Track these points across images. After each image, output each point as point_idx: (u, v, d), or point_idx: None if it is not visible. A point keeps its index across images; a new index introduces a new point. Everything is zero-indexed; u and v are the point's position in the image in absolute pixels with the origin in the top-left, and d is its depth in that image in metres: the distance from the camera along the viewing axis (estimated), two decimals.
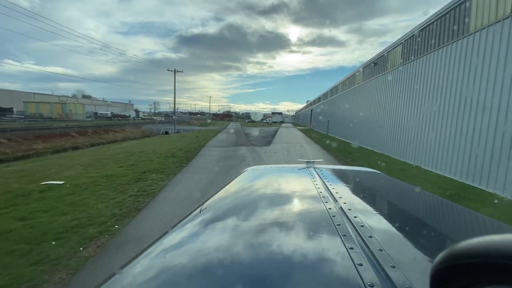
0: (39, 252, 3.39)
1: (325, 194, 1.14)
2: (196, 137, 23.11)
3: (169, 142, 18.60)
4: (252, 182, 1.58)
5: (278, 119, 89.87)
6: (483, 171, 6.89)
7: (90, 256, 3.43)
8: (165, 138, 25.11)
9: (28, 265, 3.12)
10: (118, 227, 4.33)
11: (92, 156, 11.90)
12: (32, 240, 3.67)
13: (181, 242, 0.83)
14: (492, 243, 0.29)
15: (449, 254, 0.33)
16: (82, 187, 6.33)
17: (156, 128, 41.77)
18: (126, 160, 10.41)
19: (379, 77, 15.12)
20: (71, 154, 14.65)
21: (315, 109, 42.34)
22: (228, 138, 22.41)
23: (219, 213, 1.09)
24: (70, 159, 11.30)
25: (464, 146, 7.65)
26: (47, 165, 9.83)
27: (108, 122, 45.10)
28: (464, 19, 7.73)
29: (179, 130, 40.40)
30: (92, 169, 8.50)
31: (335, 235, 0.76)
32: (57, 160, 11.63)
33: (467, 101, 7.51)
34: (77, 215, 4.61)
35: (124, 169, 8.55)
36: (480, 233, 0.47)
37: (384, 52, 14.25)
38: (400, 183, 1.68)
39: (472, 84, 7.32)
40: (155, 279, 0.64)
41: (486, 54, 6.83)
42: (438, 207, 1.28)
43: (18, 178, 7.37)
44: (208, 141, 19.32)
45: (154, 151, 12.81)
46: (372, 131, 16.33)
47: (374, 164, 11.03)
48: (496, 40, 6.52)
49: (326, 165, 1.92)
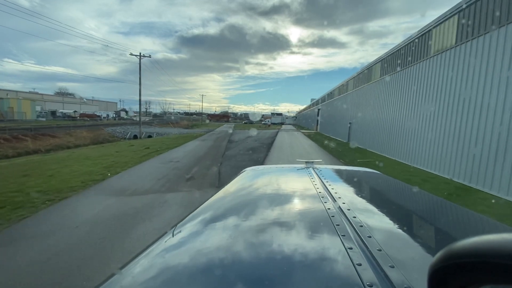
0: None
1: (324, 194, 1.14)
2: (145, 148, 14.48)
3: (75, 160, 9.85)
4: (252, 182, 1.56)
5: (278, 120, 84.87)
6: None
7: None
8: (103, 149, 16.27)
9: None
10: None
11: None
12: None
13: (181, 242, 0.82)
14: (489, 243, 0.29)
15: (447, 254, 0.33)
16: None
17: (122, 131, 33.07)
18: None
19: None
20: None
21: (325, 108, 33.42)
22: (195, 152, 13.69)
23: (219, 213, 1.08)
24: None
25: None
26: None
27: (59, 123, 36.11)
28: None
29: (152, 134, 31.71)
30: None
31: (334, 235, 0.76)
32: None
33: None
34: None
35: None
36: (478, 233, 0.35)
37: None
38: (399, 183, 1.67)
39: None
40: (155, 279, 0.63)
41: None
42: (437, 207, 1.29)
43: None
44: (147, 160, 10.67)
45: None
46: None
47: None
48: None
49: (325, 165, 1.92)
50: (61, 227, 4.25)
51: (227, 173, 8.35)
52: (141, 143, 18.65)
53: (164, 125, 54.87)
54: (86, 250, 3.53)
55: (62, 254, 3.44)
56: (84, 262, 3.25)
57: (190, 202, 5.56)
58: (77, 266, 3.16)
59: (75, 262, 3.25)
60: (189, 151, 13.76)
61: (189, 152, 13.56)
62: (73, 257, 3.36)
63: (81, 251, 3.51)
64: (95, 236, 3.91)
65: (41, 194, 5.76)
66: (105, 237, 3.90)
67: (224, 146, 16.26)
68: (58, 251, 3.49)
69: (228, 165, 9.88)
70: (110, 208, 5.15)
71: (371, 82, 16.41)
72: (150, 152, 12.90)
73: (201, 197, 5.80)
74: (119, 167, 8.99)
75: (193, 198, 5.85)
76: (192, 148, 15.27)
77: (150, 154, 12.42)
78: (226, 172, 8.55)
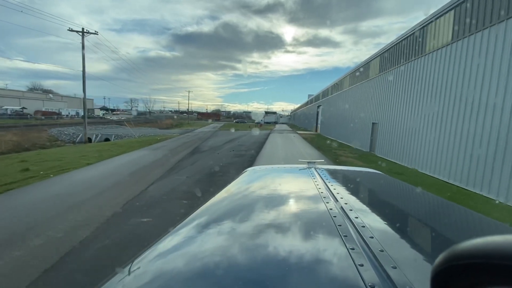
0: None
1: (326, 195, 1.13)
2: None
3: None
4: (253, 182, 1.54)
5: (271, 120, 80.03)
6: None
7: None
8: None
9: None
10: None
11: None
12: None
13: (182, 243, 0.80)
14: (493, 244, 0.29)
15: (450, 255, 0.33)
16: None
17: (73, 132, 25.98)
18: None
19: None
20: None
21: (328, 104, 26.93)
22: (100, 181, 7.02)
23: (220, 213, 1.05)
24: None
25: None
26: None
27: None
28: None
29: (109, 137, 24.67)
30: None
31: (336, 235, 0.75)
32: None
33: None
34: None
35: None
36: (481, 234, 0.43)
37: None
38: (401, 184, 1.65)
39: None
40: (156, 279, 0.62)
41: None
42: (439, 207, 1.27)
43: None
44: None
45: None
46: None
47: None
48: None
49: (327, 166, 1.89)
50: None
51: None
52: (44, 155, 11.78)
53: (142, 124, 48.15)
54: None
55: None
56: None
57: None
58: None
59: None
60: (89, 181, 7.06)
61: (90, 182, 6.87)
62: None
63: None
64: None
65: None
66: None
67: (173, 163, 9.61)
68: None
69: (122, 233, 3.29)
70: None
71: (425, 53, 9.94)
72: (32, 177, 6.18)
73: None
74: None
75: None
76: (105, 171, 8.53)
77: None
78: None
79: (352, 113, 17.81)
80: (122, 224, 4.25)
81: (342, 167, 2.12)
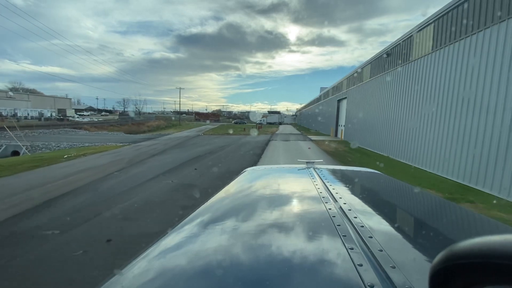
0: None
1: (325, 195, 1.12)
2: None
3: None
4: (252, 182, 1.53)
5: (274, 120, 72.14)
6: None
7: None
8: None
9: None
10: None
11: None
12: None
13: (181, 242, 0.80)
14: (491, 244, 0.29)
15: (448, 254, 0.33)
16: None
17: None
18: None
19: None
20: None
21: (359, 93, 17.72)
22: None
23: (219, 213, 1.05)
24: None
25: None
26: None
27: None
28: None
29: (19, 149, 15.81)
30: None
31: (335, 235, 0.75)
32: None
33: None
34: None
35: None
36: (480, 234, 0.40)
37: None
38: (400, 184, 1.64)
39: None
40: (156, 280, 0.62)
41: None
42: (438, 207, 1.27)
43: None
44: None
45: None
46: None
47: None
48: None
49: (326, 166, 1.87)
50: None
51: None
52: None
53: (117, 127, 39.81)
54: None
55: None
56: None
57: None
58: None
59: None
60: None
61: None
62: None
63: None
64: None
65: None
66: None
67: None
68: None
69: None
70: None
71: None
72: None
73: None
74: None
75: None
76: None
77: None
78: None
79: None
80: None
81: (341, 167, 2.11)
